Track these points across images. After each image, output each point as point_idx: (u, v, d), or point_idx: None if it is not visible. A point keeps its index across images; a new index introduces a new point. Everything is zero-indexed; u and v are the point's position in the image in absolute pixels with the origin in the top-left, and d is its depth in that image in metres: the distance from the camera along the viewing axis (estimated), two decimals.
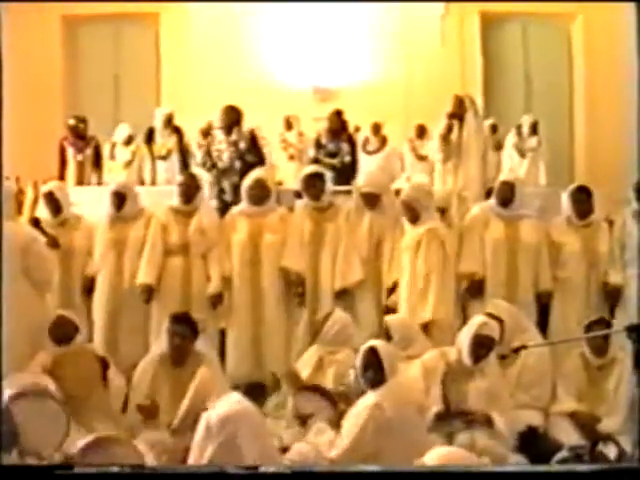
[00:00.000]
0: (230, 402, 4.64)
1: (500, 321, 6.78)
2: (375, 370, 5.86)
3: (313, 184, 8.36)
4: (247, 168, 9.23)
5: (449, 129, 10.01)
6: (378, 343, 6.07)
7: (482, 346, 6.40)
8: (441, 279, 7.66)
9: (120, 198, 8.37)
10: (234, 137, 9.75)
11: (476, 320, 6.59)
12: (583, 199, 8.14)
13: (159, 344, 6.95)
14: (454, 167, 10.01)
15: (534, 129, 13.32)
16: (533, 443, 6.30)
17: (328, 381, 6.81)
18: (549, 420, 6.82)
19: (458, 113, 10.15)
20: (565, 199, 8.30)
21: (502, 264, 8.11)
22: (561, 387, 7.08)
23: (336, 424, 6.02)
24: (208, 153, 9.74)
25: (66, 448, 5.59)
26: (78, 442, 5.49)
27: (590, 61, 15.36)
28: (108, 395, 6.85)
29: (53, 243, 7.86)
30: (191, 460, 5.05)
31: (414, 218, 7.80)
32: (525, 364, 6.97)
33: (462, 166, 9.98)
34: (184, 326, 6.76)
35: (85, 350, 7.11)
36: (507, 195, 8.26)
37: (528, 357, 6.88)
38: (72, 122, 12.16)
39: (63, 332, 7.06)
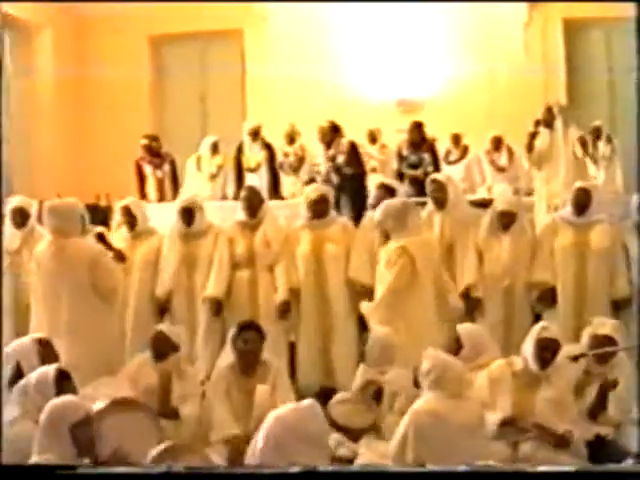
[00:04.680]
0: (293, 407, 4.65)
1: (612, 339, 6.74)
2: None
3: (382, 197, 8.40)
4: (345, 181, 9.31)
5: (532, 136, 9.99)
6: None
7: (547, 349, 6.32)
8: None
9: (189, 214, 8.53)
10: (332, 151, 9.88)
11: (536, 327, 6.53)
12: None
13: (225, 356, 6.99)
14: (546, 176, 10.01)
15: (607, 137, 13.13)
16: (601, 453, 6.21)
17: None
18: (620, 429, 6.72)
19: (547, 120, 10.14)
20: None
21: (570, 271, 8.09)
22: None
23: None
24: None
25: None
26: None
27: None
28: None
29: (119, 256, 8.01)
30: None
31: (386, 236, 7.80)
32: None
33: (553, 174, 9.96)
34: (253, 332, 6.80)
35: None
36: (583, 201, 8.26)
37: (621, 375, 6.69)
38: (145, 141, 12.36)
39: (157, 349, 7.05)
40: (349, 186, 9.56)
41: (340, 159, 10.21)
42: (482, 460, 5.35)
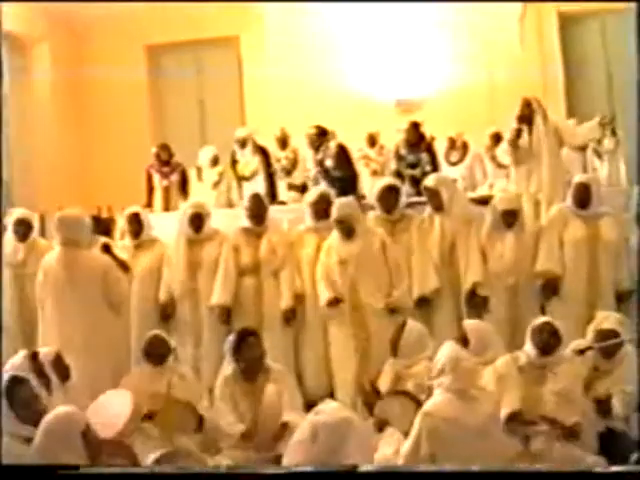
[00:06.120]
0: (338, 410, 4.66)
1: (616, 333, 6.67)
2: None
3: (387, 197, 8.36)
4: (333, 183, 9.25)
5: (518, 133, 9.86)
6: None
7: (542, 331, 6.42)
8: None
9: (199, 219, 8.53)
10: (320, 155, 9.85)
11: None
12: None
13: (225, 365, 7.06)
14: (527, 171, 9.86)
15: (612, 130, 13.07)
16: (612, 444, 6.21)
17: None
18: (630, 421, 6.70)
19: (527, 116, 10.02)
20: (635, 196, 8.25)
21: (583, 263, 8.06)
22: None
23: None
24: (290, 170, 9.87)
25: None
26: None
27: None
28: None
29: (123, 267, 8.03)
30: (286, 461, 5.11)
31: (349, 234, 7.90)
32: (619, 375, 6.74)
33: (535, 170, 9.83)
34: (254, 337, 6.95)
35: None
36: (583, 196, 8.22)
37: (628, 369, 6.65)
38: (155, 150, 12.41)
39: (156, 352, 7.18)
40: (338, 188, 9.46)
41: (328, 162, 10.20)
42: (495, 458, 5.39)
